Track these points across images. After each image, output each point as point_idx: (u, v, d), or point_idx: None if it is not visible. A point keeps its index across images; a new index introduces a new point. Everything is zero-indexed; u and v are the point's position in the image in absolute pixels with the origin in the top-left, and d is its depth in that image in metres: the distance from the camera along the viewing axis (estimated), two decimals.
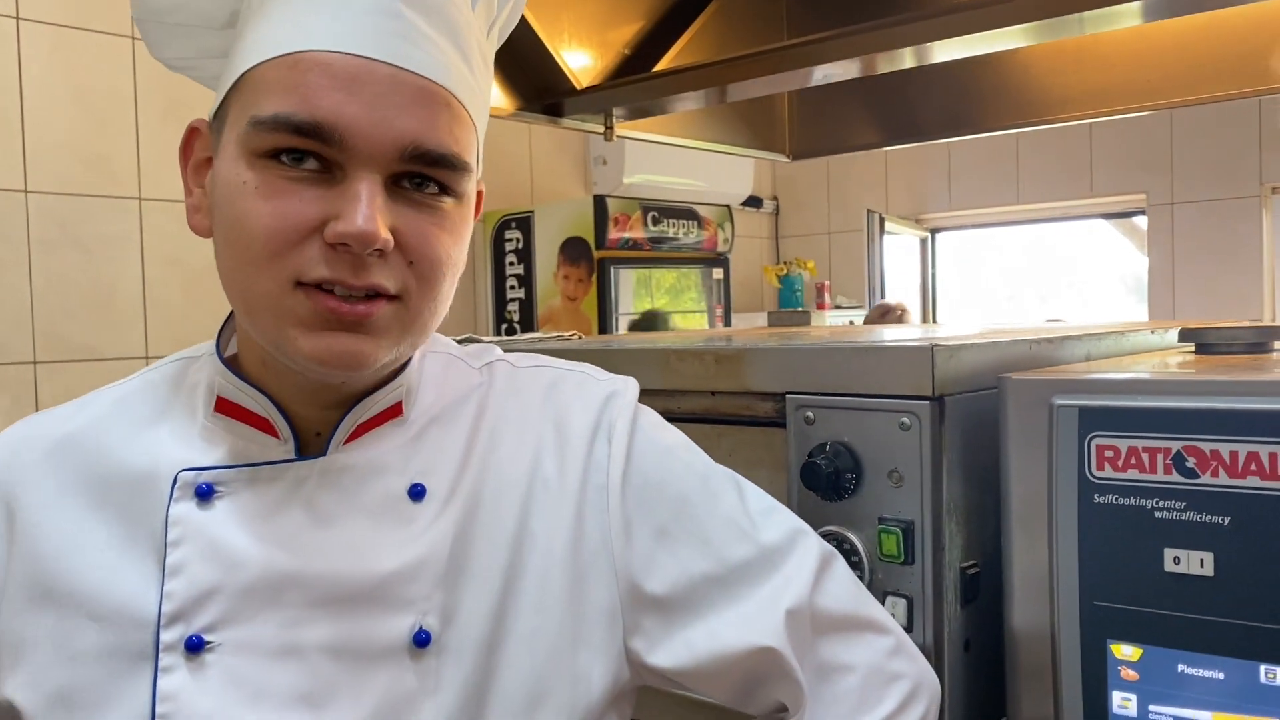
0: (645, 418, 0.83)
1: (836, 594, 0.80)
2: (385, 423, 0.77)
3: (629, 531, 0.78)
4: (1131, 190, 4.73)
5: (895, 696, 0.78)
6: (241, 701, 0.69)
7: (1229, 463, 0.74)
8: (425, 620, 0.73)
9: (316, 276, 0.68)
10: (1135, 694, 0.79)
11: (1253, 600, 0.74)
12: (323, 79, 0.67)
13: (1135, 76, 2.21)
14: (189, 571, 0.71)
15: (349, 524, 0.74)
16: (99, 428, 0.77)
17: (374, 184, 0.68)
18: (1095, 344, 1.08)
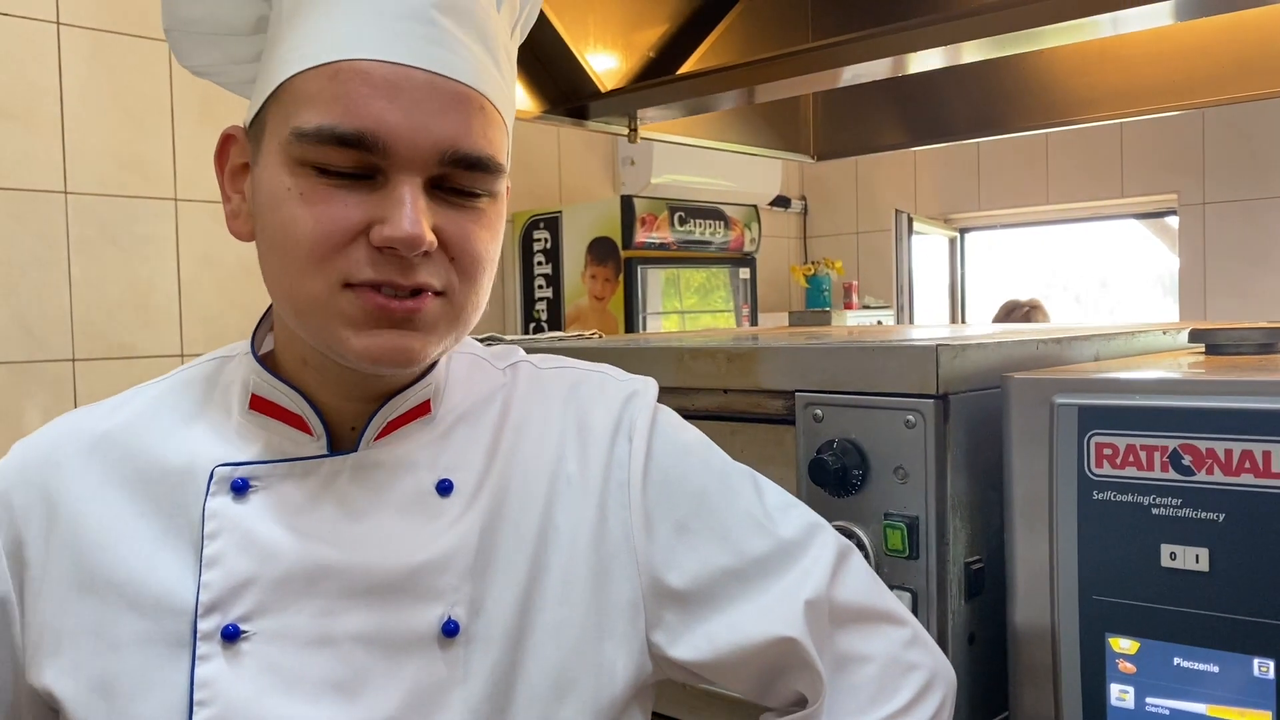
0: (665, 416, 0.86)
1: (854, 586, 0.82)
2: (414, 420, 0.79)
3: (650, 527, 0.80)
4: (1162, 190, 4.71)
5: (912, 686, 0.80)
6: (276, 689, 0.72)
7: (1224, 461, 0.76)
8: (454, 611, 0.75)
9: (365, 278, 0.70)
10: (1133, 686, 0.81)
11: (1246, 595, 0.75)
12: (363, 88, 0.69)
13: (1160, 77, 2.21)
14: (225, 563, 0.73)
15: (379, 518, 0.76)
16: (137, 425, 0.80)
17: (415, 187, 0.70)
18: (1104, 345, 1.10)
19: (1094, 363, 1.02)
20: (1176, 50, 2.17)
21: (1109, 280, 5.28)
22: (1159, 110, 2.20)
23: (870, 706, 0.79)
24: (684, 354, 1.07)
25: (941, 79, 2.33)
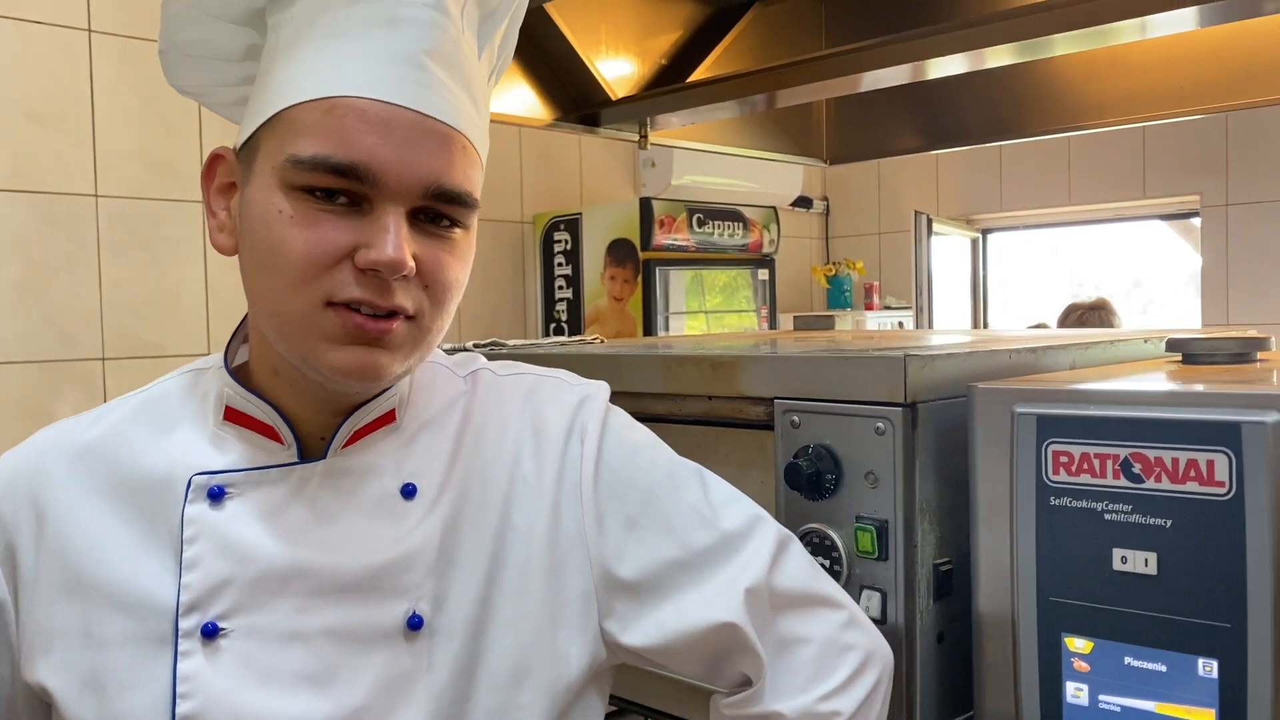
0: (615, 418, 0.91)
1: (792, 574, 0.87)
2: (380, 428, 0.85)
3: (601, 523, 0.86)
4: (1185, 192, 4.69)
5: (849, 665, 0.86)
6: (253, 682, 0.77)
7: (1171, 469, 0.79)
8: (418, 606, 0.81)
9: (347, 297, 0.75)
10: (1087, 684, 0.84)
11: (1191, 598, 0.79)
12: (358, 123, 0.74)
13: (1168, 82, 2.22)
14: (204, 565, 0.79)
15: (348, 521, 0.81)
16: (118, 436, 0.85)
17: (399, 216, 0.76)
18: (1081, 353, 1.13)
19: (1060, 372, 1.05)
20: (1184, 56, 2.18)
21: (1142, 280, 5.26)
22: (1165, 116, 2.22)
23: (810, 685, 0.85)
24: (671, 362, 1.11)
25: (953, 84, 2.35)
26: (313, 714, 0.77)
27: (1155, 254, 5.11)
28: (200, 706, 0.76)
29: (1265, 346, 1.07)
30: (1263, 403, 0.76)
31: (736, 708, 0.86)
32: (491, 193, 4.25)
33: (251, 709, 0.76)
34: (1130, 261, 5.24)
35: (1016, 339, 1.25)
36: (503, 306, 4.31)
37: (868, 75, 1.94)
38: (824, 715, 0.84)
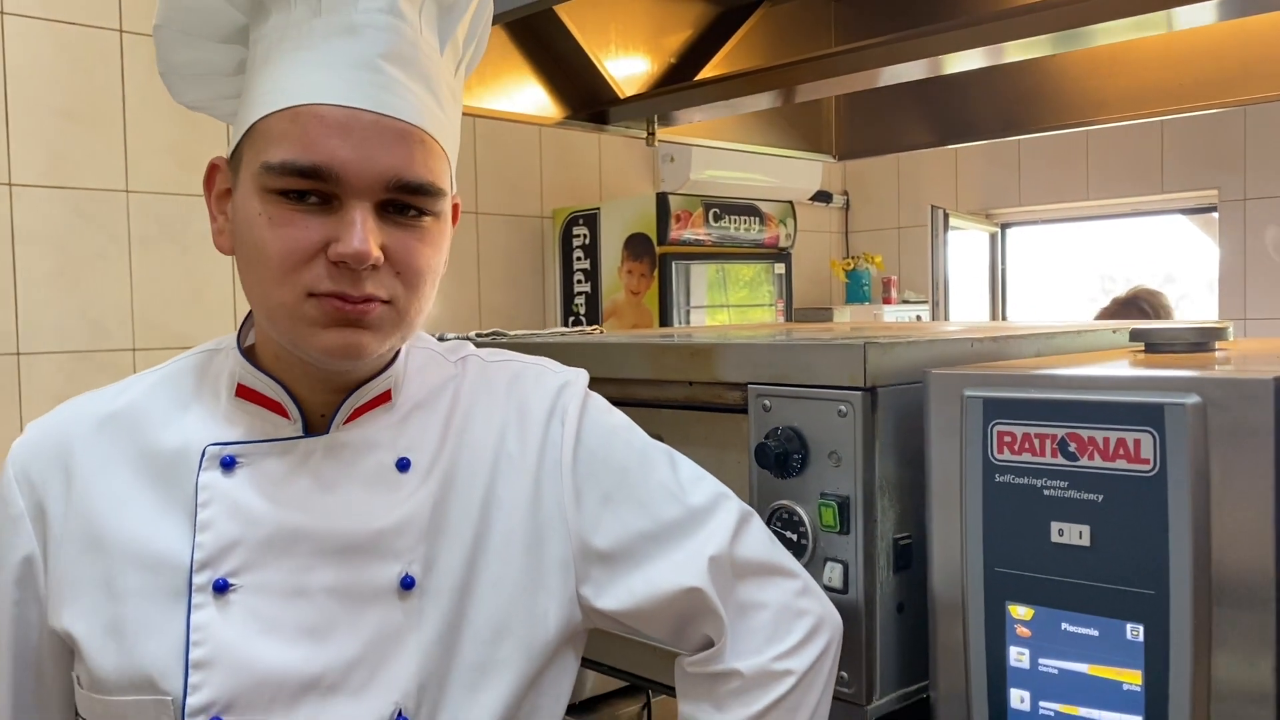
0: (593, 403, 0.98)
1: (752, 546, 0.95)
2: (377, 407, 0.92)
3: (579, 497, 0.93)
4: (1203, 186, 4.70)
5: (802, 629, 0.94)
6: (259, 632, 0.85)
7: (1103, 447, 0.85)
8: (410, 568, 0.89)
9: (324, 290, 0.83)
10: (1028, 649, 0.90)
11: (1121, 568, 0.85)
12: (319, 128, 0.81)
13: (1168, 79, 2.25)
14: (216, 527, 0.86)
15: (348, 489, 0.89)
16: (138, 408, 0.93)
17: (365, 211, 0.82)
18: (1046, 343, 1.19)
19: (1016, 360, 1.11)
20: (1198, 50, 2.20)
21: (1174, 275, 5.26)
22: (1179, 111, 2.24)
23: (766, 646, 0.93)
24: (655, 350, 1.18)
25: (963, 79, 2.38)
26: (312, 663, 0.85)
27: (1185, 249, 5.10)
28: (211, 653, 0.84)
29: (1223, 336, 1.11)
30: (1184, 385, 0.82)
31: (699, 666, 0.94)
32: (512, 188, 4.33)
33: (257, 656, 0.84)
34: (1162, 256, 5.23)
35: (966, 330, 1.31)
36: (523, 299, 4.39)
37: (883, 71, 1.97)
38: (778, 673, 0.92)
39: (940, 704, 0.98)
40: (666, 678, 1.07)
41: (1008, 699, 0.91)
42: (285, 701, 0.85)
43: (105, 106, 3.29)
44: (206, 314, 3.46)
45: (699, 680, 0.95)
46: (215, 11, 0.87)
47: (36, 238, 3.18)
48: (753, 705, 0.92)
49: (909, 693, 1.03)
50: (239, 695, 0.84)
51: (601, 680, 2.04)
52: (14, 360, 3.16)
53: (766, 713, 0.92)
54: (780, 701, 0.92)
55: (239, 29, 0.88)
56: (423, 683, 0.88)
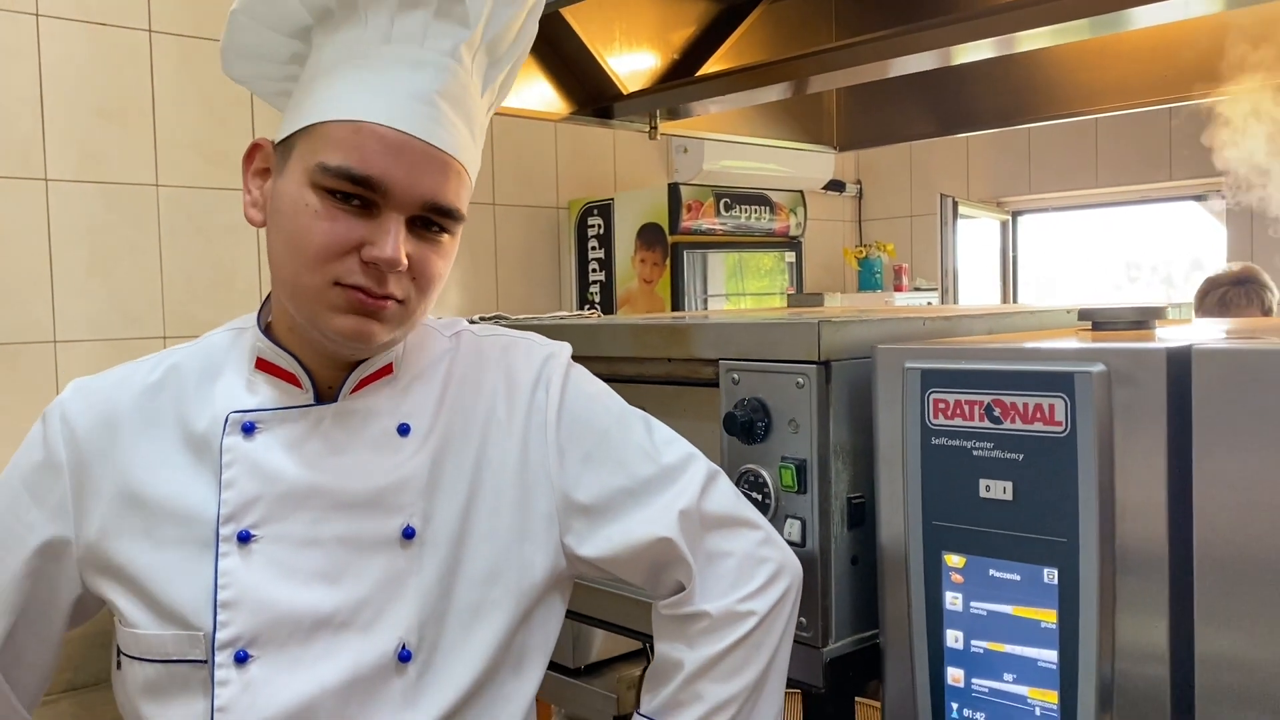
0: (575, 372, 1.10)
1: (719, 500, 1.06)
2: (380, 379, 1.04)
3: (562, 457, 1.05)
4: (1212, 173, 4.75)
5: (764, 575, 1.05)
6: (278, 577, 0.97)
7: (1023, 412, 0.95)
8: (411, 520, 1.00)
9: (351, 282, 0.94)
10: (961, 593, 1.01)
11: (1039, 519, 0.95)
12: (378, 145, 0.93)
13: (1153, 71, 2.32)
14: (239, 485, 0.98)
15: (354, 452, 1.00)
16: (174, 380, 1.04)
17: (399, 223, 0.94)
18: (998, 321, 1.29)
19: (961, 336, 1.21)
20: (1199, 40, 2.26)
21: (1202, 261, 5.29)
22: (1182, 99, 2.31)
23: (731, 589, 1.04)
24: (638, 329, 1.29)
25: (963, 70, 2.46)
26: (325, 603, 0.97)
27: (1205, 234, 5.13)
28: (236, 595, 0.96)
29: (1162, 315, 1.21)
30: (1091, 356, 0.92)
31: (672, 608, 1.05)
32: (529, 180, 4.44)
33: (276, 597, 0.96)
34: (1187, 242, 5.27)
35: (920, 311, 1.41)
36: (539, 288, 4.51)
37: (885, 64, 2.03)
38: (742, 614, 1.03)
39: (888, 646, 1.09)
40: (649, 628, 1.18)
41: (944, 639, 1.02)
42: (302, 636, 0.96)
43: (135, 104, 3.42)
44: (233, 302, 3.59)
45: (672, 621, 1.06)
46: (289, 10, 0.98)
47: (71, 231, 3.32)
48: (720, 642, 1.03)
49: (862, 638, 1.14)
50: (261, 631, 0.96)
51: (606, 645, 2.16)
52: (50, 348, 3.30)
53: (733, 649, 1.03)
54: (745, 639, 1.04)
55: (304, 27, 0.99)
56: (423, 620, 1.00)
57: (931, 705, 1.02)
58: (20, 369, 3.24)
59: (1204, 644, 0.88)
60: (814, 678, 1.12)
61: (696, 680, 1.03)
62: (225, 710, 0.95)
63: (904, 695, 1.06)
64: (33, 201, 3.25)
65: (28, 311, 3.25)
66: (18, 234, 3.23)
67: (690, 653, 1.05)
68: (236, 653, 0.95)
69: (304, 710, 0.96)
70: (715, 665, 1.03)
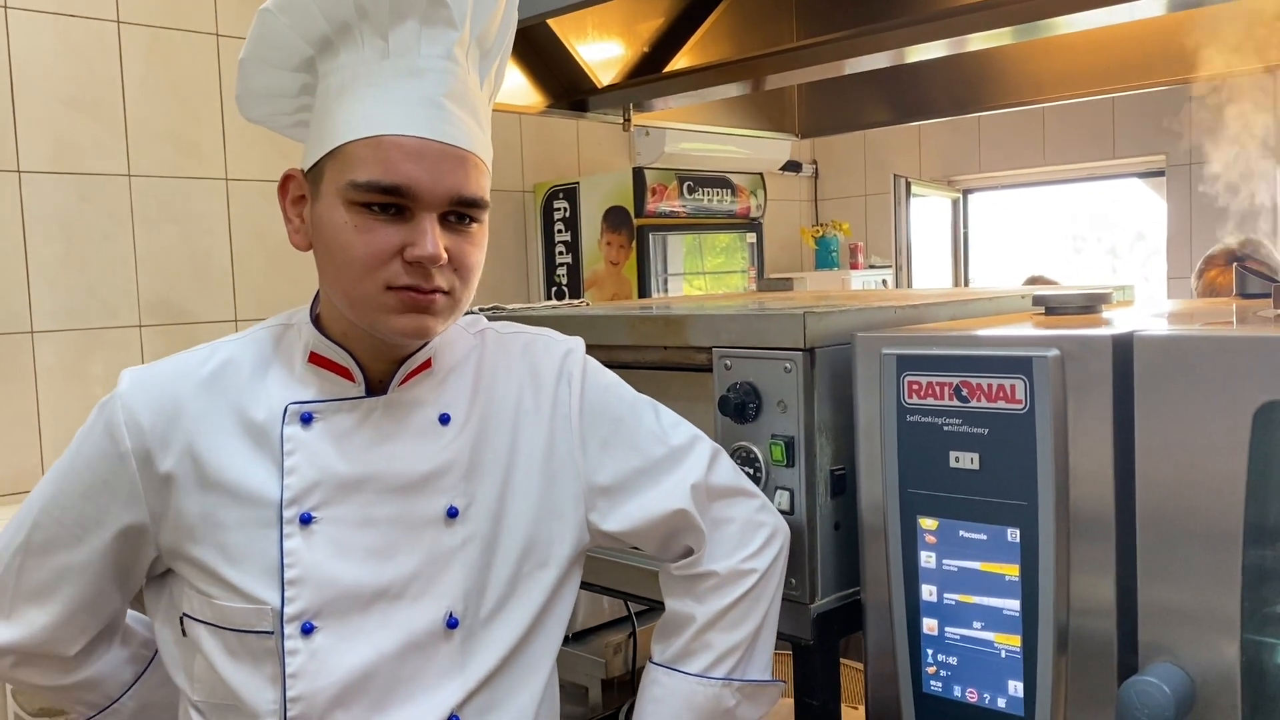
0: (591, 366, 1.22)
1: (722, 474, 1.20)
2: (421, 373, 1.13)
3: (584, 445, 1.17)
4: (1152, 151, 4.94)
5: (761, 537, 1.19)
6: (337, 555, 1.06)
7: (987, 391, 1.08)
8: (454, 501, 1.11)
9: (402, 284, 1.02)
10: (934, 553, 1.14)
11: (1002, 485, 1.08)
12: (398, 154, 1.00)
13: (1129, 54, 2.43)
14: (300, 471, 1.06)
15: (402, 440, 1.10)
16: (229, 370, 1.10)
17: (433, 220, 1.02)
18: (961, 308, 1.42)
19: (930, 323, 1.33)
20: (1116, 39, 2.41)
21: (1145, 233, 5.48)
22: (1127, 88, 2.44)
23: (735, 550, 1.18)
24: (635, 320, 1.41)
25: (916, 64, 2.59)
26: (380, 577, 1.07)
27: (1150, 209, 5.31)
28: (301, 573, 1.05)
29: (1108, 300, 1.34)
30: (1048, 342, 1.05)
31: (685, 569, 1.19)
32: (494, 164, 4.49)
33: (336, 574, 1.06)
34: (1131, 216, 5.45)
35: (891, 299, 1.54)
36: (506, 272, 4.60)
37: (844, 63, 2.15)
38: (745, 571, 1.18)
39: (869, 600, 1.21)
40: (645, 591, 1.30)
41: (920, 593, 1.15)
42: (360, 608, 1.06)
43: (106, 95, 3.45)
44: (207, 290, 3.65)
45: (682, 581, 1.20)
46: (292, 47, 1.07)
47: (45, 222, 3.35)
48: (727, 597, 1.18)
49: (845, 595, 1.27)
50: (325, 604, 1.05)
51: (590, 613, 2.29)
52: (28, 338, 3.34)
53: (738, 603, 1.18)
54: (748, 593, 1.18)
55: (307, 59, 1.07)
56: (467, 591, 1.10)
57: (910, 650, 1.16)
58: None
59: (1146, 594, 1.01)
60: (802, 631, 1.24)
61: (706, 631, 1.17)
62: (296, 676, 1.04)
63: (884, 643, 1.19)
64: (6, 193, 3.28)
65: (4, 303, 3.28)
66: None
67: (700, 607, 1.18)
68: (303, 624, 1.04)
69: (365, 673, 1.06)
70: (723, 617, 1.17)
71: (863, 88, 2.88)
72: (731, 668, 1.19)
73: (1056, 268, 5.50)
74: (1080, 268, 5.61)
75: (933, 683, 1.15)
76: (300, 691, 1.04)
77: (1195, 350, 0.97)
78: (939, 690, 1.14)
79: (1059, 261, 5.62)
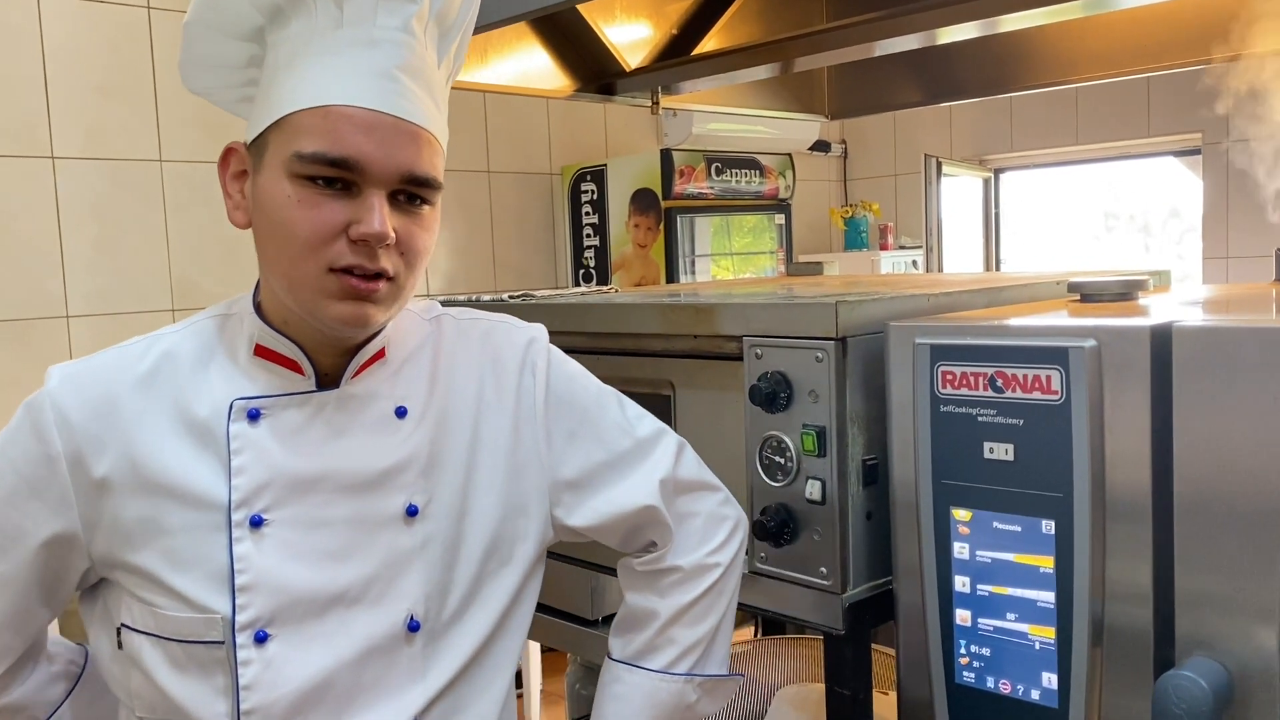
0: (556, 355, 1.19)
1: (688, 468, 1.20)
2: (374, 363, 1.07)
3: (549, 437, 1.15)
4: (1188, 130, 4.87)
5: (725, 530, 1.21)
6: (290, 558, 1.01)
7: (1023, 382, 1.07)
8: (413, 498, 1.06)
9: (344, 264, 0.96)
10: (968, 544, 1.13)
11: (1037, 477, 1.07)
12: (348, 126, 0.95)
13: (1164, 33, 2.40)
14: (248, 472, 1.00)
15: (356, 435, 1.04)
16: (169, 364, 1.04)
17: (382, 198, 0.96)
18: (996, 295, 1.41)
19: (963, 312, 1.32)
20: (1150, 18, 2.37)
21: (1180, 210, 5.41)
22: (1163, 68, 2.41)
23: (699, 545, 1.19)
24: (666, 309, 1.40)
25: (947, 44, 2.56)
26: (337, 581, 1.02)
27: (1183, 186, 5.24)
28: (253, 578, 0.99)
29: (1144, 287, 1.33)
30: (1084, 333, 1.04)
31: (648, 565, 1.19)
32: (522, 146, 4.52)
33: (291, 578, 1.00)
34: (1164, 193, 5.38)
35: (922, 286, 1.52)
36: (534, 255, 4.60)
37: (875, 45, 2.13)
38: (709, 565, 1.19)
39: (901, 591, 1.21)
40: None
41: (953, 584, 1.14)
42: (316, 613, 1.01)
43: (137, 81, 3.48)
44: (238, 273, 3.66)
45: (644, 575, 1.20)
46: (241, 13, 1.00)
47: (77, 207, 3.39)
48: (691, 592, 1.18)
49: (877, 584, 1.26)
50: (278, 611, 1.00)
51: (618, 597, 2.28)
52: (63, 323, 3.38)
53: (702, 597, 1.18)
54: (712, 588, 1.19)
55: (256, 29, 1.01)
56: (428, 593, 1.06)
57: (942, 641, 1.15)
58: (33, 344, 3.32)
59: (1183, 586, 1.00)
60: (834, 621, 1.24)
61: (670, 626, 1.18)
62: (250, 688, 0.99)
63: (916, 633, 1.18)
64: (40, 179, 3.32)
65: (39, 287, 3.32)
66: (27, 211, 3.30)
67: (663, 602, 1.19)
68: (256, 633, 0.99)
69: (323, 682, 1.01)
70: (687, 612, 1.18)
71: (893, 68, 2.85)
72: (694, 663, 1.19)
73: (1087, 247, 5.44)
74: (1112, 246, 5.54)
75: (965, 674, 1.14)
76: (255, 704, 0.99)
77: (1236, 341, 0.96)
78: (971, 681, 1.14)
79: (1090, 240, 5.56)
